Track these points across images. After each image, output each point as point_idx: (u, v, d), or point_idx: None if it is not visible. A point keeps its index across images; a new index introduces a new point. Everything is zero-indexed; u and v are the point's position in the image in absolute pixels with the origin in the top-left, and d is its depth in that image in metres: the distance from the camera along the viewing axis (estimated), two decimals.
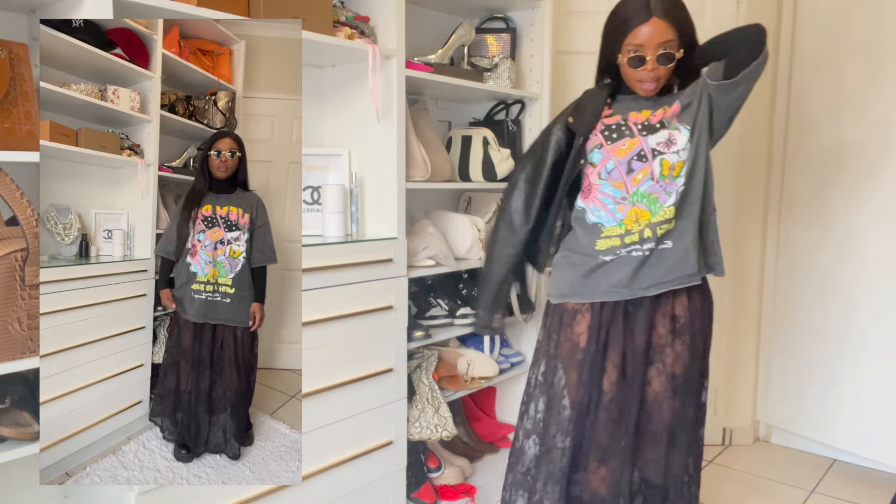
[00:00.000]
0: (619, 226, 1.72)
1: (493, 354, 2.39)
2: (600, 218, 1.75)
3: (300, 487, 1.79)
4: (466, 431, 2.58)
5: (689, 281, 1.72)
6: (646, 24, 1.61)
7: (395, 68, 1.95)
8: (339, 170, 2.08)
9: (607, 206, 1.74)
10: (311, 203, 2.11)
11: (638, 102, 1.75)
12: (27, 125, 1.39)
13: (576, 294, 1.78)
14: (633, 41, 1.63)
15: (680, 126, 1.70)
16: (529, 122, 2.51)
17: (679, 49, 1.65)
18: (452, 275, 2.41)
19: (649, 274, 1.71)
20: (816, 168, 2.78)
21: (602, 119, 1.75)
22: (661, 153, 1.69)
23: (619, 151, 1.71)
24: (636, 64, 1.65)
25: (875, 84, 2.57)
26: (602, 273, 1.74)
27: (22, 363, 1.39)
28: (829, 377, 2.77)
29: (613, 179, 1.72)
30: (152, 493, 1.54)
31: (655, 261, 1.71)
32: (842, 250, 2.71)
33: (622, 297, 1.73)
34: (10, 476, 1.67)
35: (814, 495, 2.59)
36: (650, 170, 1.69)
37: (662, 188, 1.70)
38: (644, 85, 1.68)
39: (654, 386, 1.77)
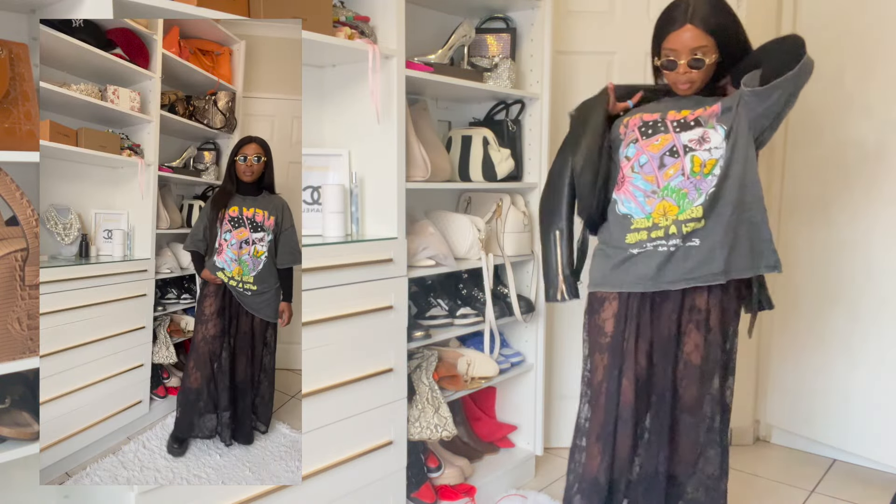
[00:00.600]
0: (647, 218, 1.78)
1: (493, 354, 2.39)
2: (630, 209, 1.81)
3: (300, 487, 1.79)
4: (466, 431, 2.58)
5: (714, 280, 1.76)
6: (680, 31, 1.69)
7: (395, 68, 1.95)
8: (339, 170, 2.08)
9: (637, 198, 1.80)
10: (311, 203, 2.11)
11: (679, 102, 1.82)
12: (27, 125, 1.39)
13: (606, 283, 1.86)
14: (668, 46, 1.73)
15: (717, 126, 1.75)
16: (529, 122, 2.51)
17: (713, 55, 1.71)
18: (452, 275, 2.41)
19: (675, 269, 1.76)
20: (816, 168, 2.78)
21: (642, 115, 1.83)
22: (692, 150, 1.74)
23: (652, 146, 1.78)
24: (669, 67, 1.75)
25: (875, 84, 2.57)
26: (630, 265, 1.80)
27: (22, 363, 1.39)
28: (830, 377, 2.77)
29: (645, 173, 1.78)
30: (152, 493, 1.54)
31: (682, 257, 1.75)
32: (842, 250, 2.71)
33: (647, 288, 1.79)
34: (10, 476, 1.67)
35: (814, 495, 2.59)
36: (681, 165, 1.75)
37: (693, 184, 1.74)
38: (679, 86, 1.77)
39: (677, 373, 1.83)
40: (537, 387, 2.60)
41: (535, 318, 2.55)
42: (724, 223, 1.74)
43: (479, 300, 2.39)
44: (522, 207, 2.46)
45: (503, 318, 2.42)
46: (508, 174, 2.35)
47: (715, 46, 1.71)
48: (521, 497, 2.39)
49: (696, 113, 1.77)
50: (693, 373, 1.81)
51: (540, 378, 2.59)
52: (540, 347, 2.58)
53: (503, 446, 2.65)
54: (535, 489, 2.46)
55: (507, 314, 2.43)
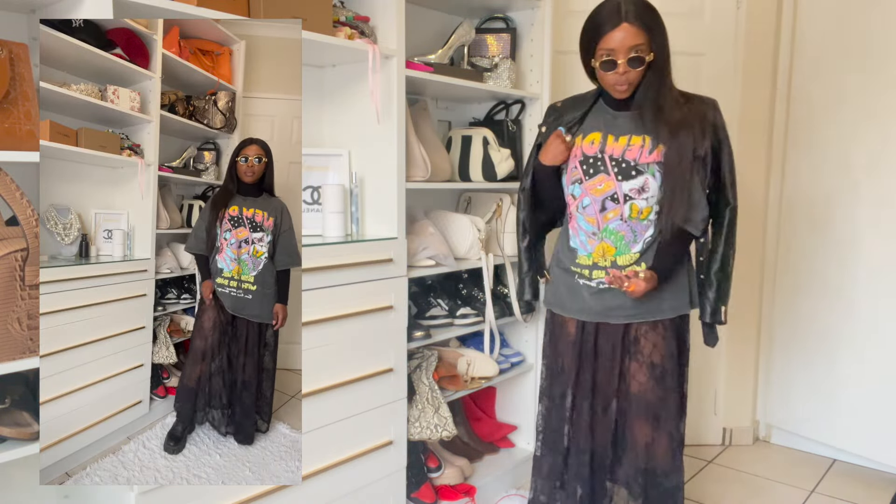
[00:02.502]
0: (588, 257, 1.86)
1: (493, 354, 2.39)
2: (576, 245, 1.89)
3: (300, 487, 1.79)
4: (466, 431, 2.58)
5: (653, 317, 1.84)
6: (617, 30, 1.67)
7: (395, 68, 1.95)
8: (339, 170, 2.08)
9: (580, 237, 1.87)
10: (311, 203, 2.11)
11: (616, 121, 1.81)
12: (27, 125, 1.39)
13: (557, 306, 1.96)
14: (605, 46, 1.70)
15: (657, 172, 1.76)
16: (529, 122, 2.50)
17: (650, 53, 1.70)
18: (452, 275, 2.41)
19: (616, 305, 1.84)
20: (816, 168, 2.78)
21: (582, 146, 1.83)
22: (632, 198, 1.79)
23: (595, 190, 1.81)
24: (608, 68, 1.72)
25: (875, 84, 2.57)
26: (577, 292, 1.88)
27: (22, 363, 1.39)
28: (829, 377, 2.77)
29: (588, 215, 1.84)
30: (152, 493, 1.54)
31: (621, 294, 1.82)
32: (842, 250, 2.71)
33: (592, 319, 1.88)
34: (10, 476, 1.67)
35: (814, 495, 2.59)
36: (620, 211, 1.80)
37: (630, 227, 1.81)
38: (617, 87, 1.74)
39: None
40: (537, 387, 2.59)
41: (535, 318, 2.54)
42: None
43: (479, 300, 2.39)
44: None
45: (503, 318, 2.42)
46: (508, 174, 2.35)
47: (650, 45, 1.69)
48: (521, 497, 2.39)
49: (634, 148, 1.76)
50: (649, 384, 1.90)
51: (540, 378, 2.58)
52: (540, 347, 2.57)
53: (503, 446, 2.65)
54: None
55: (507, 314, 2.43)
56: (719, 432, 3.04)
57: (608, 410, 1.89)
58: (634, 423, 1.87)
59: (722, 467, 2.83)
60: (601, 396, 1.90)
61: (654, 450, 1.87)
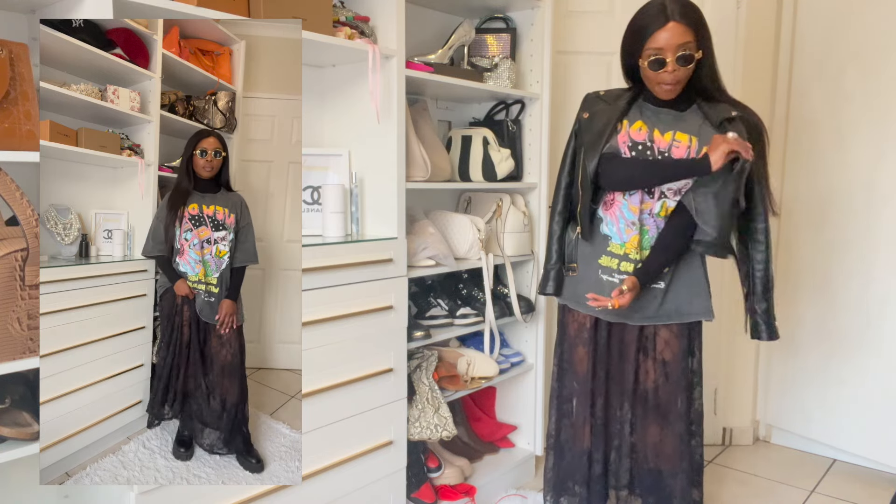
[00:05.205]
0: (621, 247, 1.84)
1: (493, 354, 2.39)
2: (611, 232, 1.87)
3: (300, 487, 1.79)
4: (466, 431, 2.58)
5: (669, 320, 1.87)
6: (664, 29, 1.68)
7: (395, 68, 1.95)
8: (339, 170, 2.08)
9: (619, 224, 1.85)
10: (311, 203, 2.11)
11: (660, 115, 1.81)
12: (27, 125, 1.39)
13: (575, 302, 1.95)
14: (653, 45, 1.70)
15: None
16: (529, 122, 2.51)
17: (698, 50, 1.71)
18: (452, 275, 2.41)
19: (637, 307, 1.85)
20: (816, 168, 2.78)
21: (629, 131, 1.81)
22: (665, 197, 1.80)
23: None
24: (657, 67, 1.71)
25: (875, 84, 2.57)
26: (600, 292, 1.85)
27: (22, 363, 1.39)
28: (829, 377, 2.77)
29: (632, 203, 1.83)
30: (152, 493, 1.54)
31: (641, 297, 1.83)
32: (842, 250, 2.71)
33: (611, 320, 1.90)
34: (10, 476, 1.67)
35: (814, 495, 2.59)
36: (651, 206, 1.81)
37: (654, 224, 1.84)
38: (664, 86, 1.74)
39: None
40: (537, 387, 2.60)
41: (535, 318, 2.55)
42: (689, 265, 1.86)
43: (479, 300, 2.39)
44: (522, 207, 2.46)
45: (503, 318, 2.42)
46: (508, 174, 2.36)
47: (697, 42, 1.70)
48: (521, 497, 2.39)
49: (681, 147, 1.76)
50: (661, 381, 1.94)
51: (540, 378, 2.59)
52: (540, 347, 2.58)
53: (503, 446, 2.65)
54: (535, 489, 2.46)
55: (507, 314, 2.43)
56: (719, 432, 3.04)
57: (622, 409, 1.90)
58: (646, 422, 1.88)
59: (722, 467, 2.83)
60: (615, 395, 1.91)
61: (662, 449, 1.87)
